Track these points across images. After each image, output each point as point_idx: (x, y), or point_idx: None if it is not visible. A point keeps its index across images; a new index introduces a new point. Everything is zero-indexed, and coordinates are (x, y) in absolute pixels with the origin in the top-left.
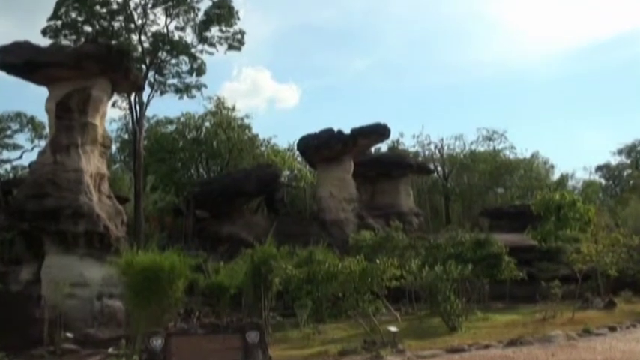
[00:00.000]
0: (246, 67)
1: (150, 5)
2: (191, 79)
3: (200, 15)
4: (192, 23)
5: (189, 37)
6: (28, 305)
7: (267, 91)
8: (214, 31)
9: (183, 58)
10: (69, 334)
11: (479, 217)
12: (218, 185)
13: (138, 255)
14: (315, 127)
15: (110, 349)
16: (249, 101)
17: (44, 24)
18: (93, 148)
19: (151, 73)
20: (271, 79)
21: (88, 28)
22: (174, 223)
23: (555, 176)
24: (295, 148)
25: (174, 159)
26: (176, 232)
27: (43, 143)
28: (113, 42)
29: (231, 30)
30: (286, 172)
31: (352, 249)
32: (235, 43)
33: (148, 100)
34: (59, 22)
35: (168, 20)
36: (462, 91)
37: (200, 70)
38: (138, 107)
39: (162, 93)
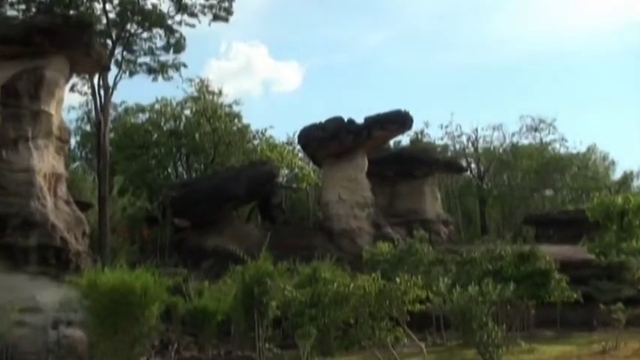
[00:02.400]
0: (237, 41)
1: None
2: (167, 57)
3: None
4: None
5: (164, 5)
6: None
7: (263, 71)
8: None
9: (158, 32)
10: None
11: (522, 225)
12: (201, 187)
13: (103, 273)
14: (320, 116)
15: None
16: (240, 84)
17: None
18: (47, 142)
19: (118, 50)
20: (268, 57)
21: None
22: (147, 234)
23: (617, 175)
24: (296, 141)
25: (148, 155)
26: (150, 245)
27: None
28: (71, 12)
29: None
30: (285, 171)
31: (366, 265)
32: (222, 12)
33: (115, 83)
34: None
35: None
36: (500, 72)
37: (178, 46)
38: (102, 92)
39: (131, 74)
